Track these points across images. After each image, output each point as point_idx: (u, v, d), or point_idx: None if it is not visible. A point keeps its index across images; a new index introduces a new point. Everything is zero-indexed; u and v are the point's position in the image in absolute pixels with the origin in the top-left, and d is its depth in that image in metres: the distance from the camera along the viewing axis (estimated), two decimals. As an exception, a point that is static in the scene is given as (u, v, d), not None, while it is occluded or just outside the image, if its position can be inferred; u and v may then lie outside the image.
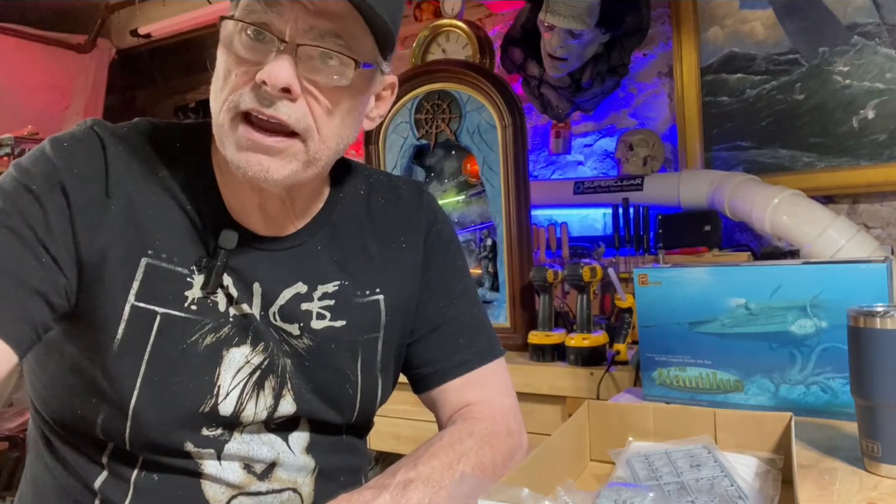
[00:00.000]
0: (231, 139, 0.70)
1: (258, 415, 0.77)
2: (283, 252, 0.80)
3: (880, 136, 1.98)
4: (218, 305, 0.76)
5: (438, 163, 2.08)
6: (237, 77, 0.69)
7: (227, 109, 0.70)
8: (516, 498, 0.60)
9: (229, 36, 0.69)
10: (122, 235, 0.72)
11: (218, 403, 0.75)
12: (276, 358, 0.78)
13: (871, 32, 1.98)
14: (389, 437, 1.84)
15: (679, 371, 1.08)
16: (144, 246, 0.73)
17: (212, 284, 0.75)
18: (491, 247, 1.92)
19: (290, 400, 0.79)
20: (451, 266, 0.92)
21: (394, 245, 0.87)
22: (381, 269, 0.85)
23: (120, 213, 0.73)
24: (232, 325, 0.76)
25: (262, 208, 0.79)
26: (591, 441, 0.88)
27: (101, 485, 0.75)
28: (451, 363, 0.88)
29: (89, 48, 3.42)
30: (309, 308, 0.80)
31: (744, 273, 1.03)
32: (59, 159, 0.72)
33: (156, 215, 0.75)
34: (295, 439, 0.81)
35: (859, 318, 0.77)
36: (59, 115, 3.35)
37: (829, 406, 0.96)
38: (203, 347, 0.75)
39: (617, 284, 1.60)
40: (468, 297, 0.92)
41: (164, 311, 0.73)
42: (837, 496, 0.71)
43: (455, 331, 0.89)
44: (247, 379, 0.77)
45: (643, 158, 2.19)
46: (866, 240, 1.79)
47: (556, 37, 2.03)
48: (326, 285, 0.81)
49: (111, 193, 0.73)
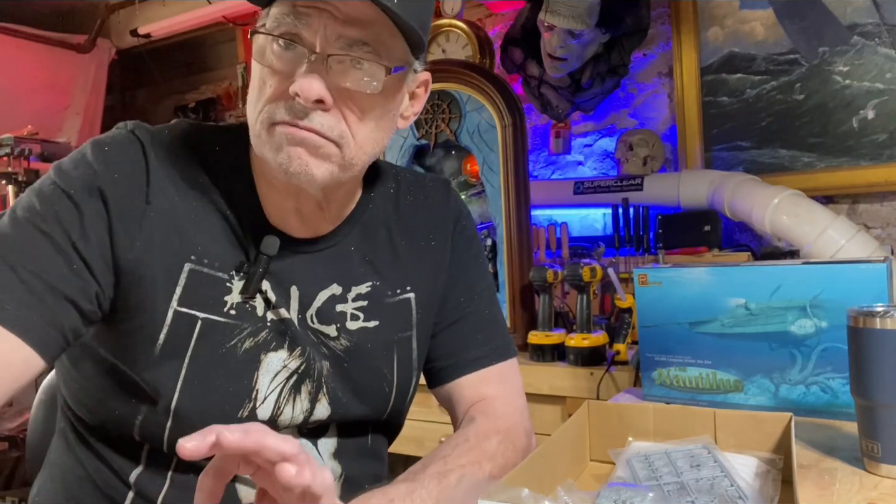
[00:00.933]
0: (270, 142, 0.71)
1: (294, 419, 0.78)
2: (318, 254, 0.81)
3: (880, 136, 1.98)
4: (256, 310, 0.77)
5: (438, 163, 2.08)
6: (271, 88, 0.70)
7: (262, 121, 0.71)
8: (516, 498, 0.60)
9: (261, 48, 0.71)
10: (164, 242, 0.73)
11: (256, 408, 0.75)
12: (313, 362, 0.79)
13: (871, 32, 1.98)
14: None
15: (679, 371, 1.08)
16: (188, 252, 0.74)
17: (252, 289, 0.75)
18: (491, 247, 1.92)
19: (326, 404, 0.80)
20: (474, 262, 0.94)
21: (423, 243, 0.88)
22: (411, 268, 0.86)
23: (161, 220, 0.73)
24: (270, 329, 0.77)
25: (298, 212, 0.79)
26: (591, 441, 0.88)
27: (136, 478, 0.75)
28: (469, 357, 0.89)
29: (89, 48, 3.42)
30: (343, 309, 0.81)
31: (744, 273, 1.03)
32: (99, 164, 0.72)
33: (197, 221, 0.75)
34: (324, 445, 0.82)
35: (859, 318, 0.77)
36: (59, 114, 3.35)
37: (829, 406, 0.96)
38: (242, 352, 0.75)
39: (617, 284, 1.60)
40: (488, 295, 0.94)
41: (205, 316, 0.74)
42: (837, 496, 0.71)
43: (474, 326, 0.90)
44: (284, 383, 0.77)
45: (643, 158, 2.19)
46: (866, 240, 1.79)
47: (556, 37, 2.03)
48: (360, 286, 0.83)
49: (152, 200, 0.73)
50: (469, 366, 0.89)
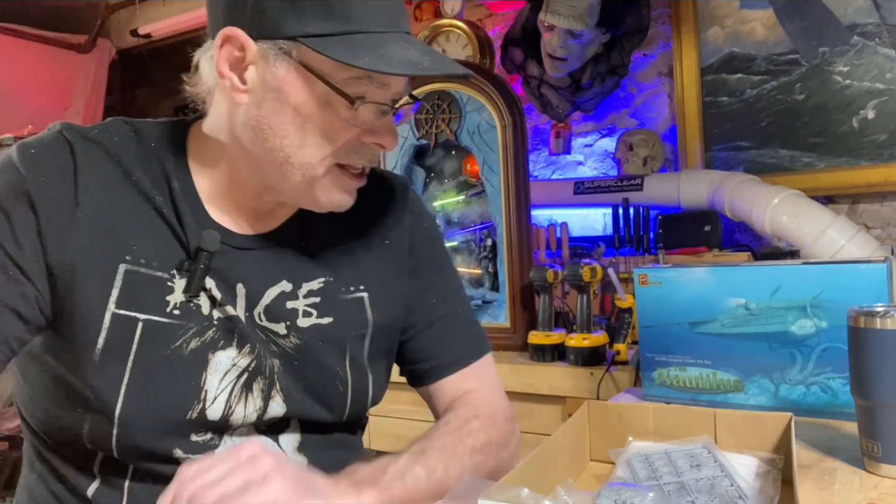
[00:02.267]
0: (330, 180, 0.76)
1: (248, 417, 0.77)
2: (264, 250, 0.80)
3: (880, 136, 1.98)
4: (201, 309, 0.76)
5: (438, 163, 2.08)
6: (350, 136, 0.74)
7: (328, 162, 0.74)
8: (516, 498, 0.60)
9: (327, 100, 0.72)
10: (96, 243, 0.71)
11: (206, 409, 0.74)
12: (264, 359, 0.78)
13: (871, 32, 1.98)
14: (389, 437, 1.84)
15: (679, 371, 1.08)
16: (122, 252, 0.72)
17: (194, 288, 0.74)
18: (491, 247, 1.92)
19: (280, 401, 0.78)
20: (440, 263, 0.94)
21: (377, 242, 0.88)
22: (365, 267, 0.86)
23: (91, 220, 0.72)
24: (217, 328, 0.76)
25: (254, 210, 0.79)
26: (591, 441, 0.88)
27: (93, 493, 0.74)
28: (448, 359, 0.90)
29: (89, 48, 3.43)
30: (295, 306, 0.80)
31: (744, 273, 1.03)
32: (25, 168, 0.71)
33: (131, 220, 0.74)
34: (286, 440, 0.80)
35: (859, 318, 0.77)
36: (59, 115, 3.35)
37: (829, 406, 0.96)
38: (188, 352, 0.74)
39: (617, 284, 1.60)
40: (459, 294, 0.95)
41: (146, 318, 0.72)
42: (837, 496, 0.71)
43: (449, 327, 0.91)
44: (234, 382, 0.76)
45: (643, 158, 2.19)
46: (866, 240, 1.79)
47: (556, 37, 2.03)
48: (311, 282, 0.82)
49: (80, 200, 0.72)
50: (450, 367, 0.90)
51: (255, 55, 0.71)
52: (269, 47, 0.70)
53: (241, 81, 0.72)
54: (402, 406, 1.80)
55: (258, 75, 0.72)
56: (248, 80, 0.72)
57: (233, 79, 0.72)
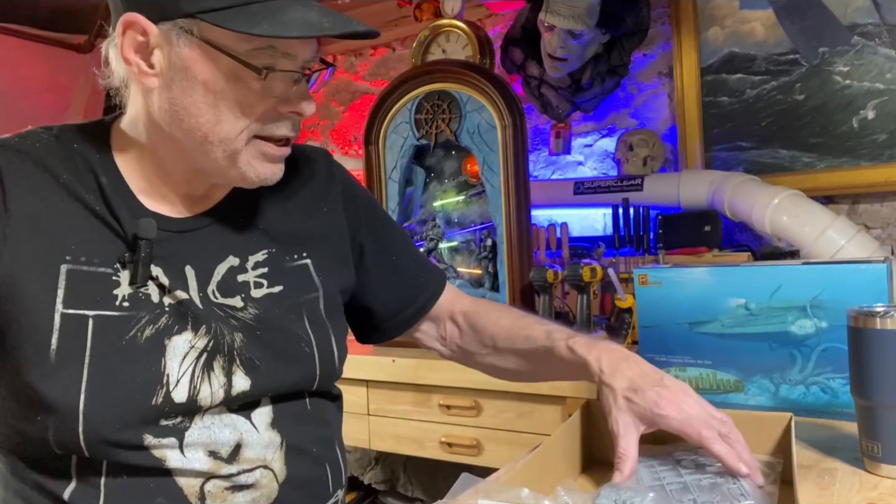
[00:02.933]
0: (252, 153, 0.76)
1: (215, 395, 0.77)
2: (206, 229, 0.82)
3: (880, 136, 1.98)
4: (151, 297, 0.76)
5: (438, 163, 2.08)
6: (265, 107, 0.74)
7: (246, 136, 0.75)
8: (516, 498, 0.60)
9: (235, 73, 0.72)
10: (32, 248, 0.72)
11: (170, 392, 0.74)
12: (222, 337, 0.78)
13: (871, 32, 1.98)
14: (389, 437, 1.84)
15: (679, 371, 1.08)
16: (60, 253, 0.73)
17: (140, 277, 0.75)
18: (491, 247, 1.92)
19: (242, 374, 0.78)
20: (382, 221, 1.00)
21: (314, 210, 0.91)
22: (304, 234, 0.88)
23: (23, 226, 0.72)
24: (169, 314, 0.76)
25: (186, 196, 0.81)
26: (591, 441, 0.88)
27: (70, 495, 0.74)
28: (424, 298, 1.00)
29: (89, 48, 3.42)
30: (246, 279, 0.82)
31: (744, 273, 1.03)
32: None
33: (65, 220, 0.74)
34: (258, 416, 0.80)
35: (859, 318, 0.77)
36: (59, 115, 3.35)
37: (829, 406, 0.96)
38: (143, 341, 0.74)
39: (617, 285, 1.60)
40: (408, 240, 1.04)
41: (96, 313, 0.73)
42: (837, 496, 0.71)
43: (413, 271, 1.01)
44: (194, 363, 0.76)
45: (643, 159, 2.19)
46: (866, 240, 1.79)
47: (556, 37, 2.03)
48: (256, 255, 0.84)
49: (9, 208, 0.72)
50: (428, 303, 1.00)
51: (158, 38, 0.72)
52: (169, 28, 0.71)
53: (149, 66, 0.73)
54: (402, 406, 1.80)
55: (164, 57, 0.72)
56: (156, 64, 0.73)
57: (140, 64, 0.73)
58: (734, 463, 0.71)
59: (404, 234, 1.04)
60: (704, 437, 0.73)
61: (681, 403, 0.75)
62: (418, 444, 1.79)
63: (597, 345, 0.85)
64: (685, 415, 0.74)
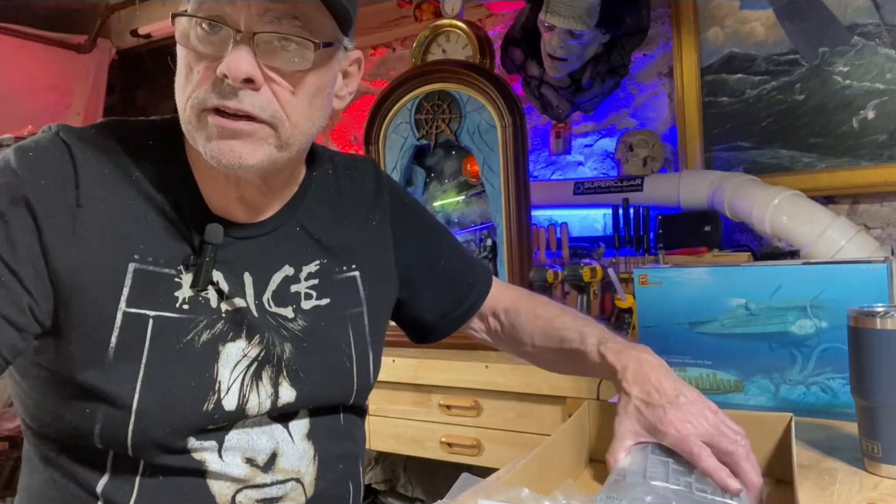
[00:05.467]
0: (201, 132, 0.70)
1: (262, 405, 0.77)
2: (265, 237, 0.81)
3: (880, 136, 1.98)
4: (210, 302, 0.76)
5: (438, 163, 2.08)
6: (198, 73, 0.69)
7: (191, 107, 0.70)
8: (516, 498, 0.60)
9: (185, 32, 0.69)
10: (102, 244, 0.71)
11: (221, 399, 0.75)
12: (273, 347, 0.78)
13: (871, 32, 1.98)
14: (389, 437, 1.84)
15: (679, 371, 1.08)
16: (129, 251, 0.72)
17: (201, 282, 0.75)
18: (491, 247, 1.92)
19: (288, 387, 0.79)
20: (428, 228, 1.00)
21: (363, 222, 0.90)
22: (355, 246, 0.88)
23: (95, 222, 0.71)
24: (225, 320, 0.76)
25: (241, 199, 0.79)
26: (591, 441, 0.88)
27: (103, 487, 0.74)
28: (471, 299, 1.01)
29: (89, 48, 3.42)
30: (298, 289, 0.82)
31: (744, 273, 1.03)
32: (23, 171, 0.69)
33: (135, 219, 0.74)
34: (295, 426, 0.81)
35: (859, 318, 0.77)
36: (59, 115, 3.35)
37: (829, 406, 0.96)
38: (200, 345, 0.74)
39: (617, 285, 1.60)
40: (455, 244, 1.04)
41: (157, 314, 0.73)
42: (837, 496, 0.71)
43: (462, 274, 1.01)
44: (245, 372, 0.77)
45: (643, 159, 2.19)
46: (866, 240, 1.79)
47: (556, 37, 2.03)
48: (309, 265, 0.83)
49: (83, 203, 0.71)
50: (474, 305, 1.01)
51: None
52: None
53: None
54: (402, 406, 1.80)
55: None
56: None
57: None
58: (722, 480, 0.71)
59: (450, 237, 1.04)
60: (695, 454, 0.74)
61: (685, 422, 0.76)
62: (418, 444, 1.79)
63: (627, 352, 0.85)
64: (682, 434, 0.75)
